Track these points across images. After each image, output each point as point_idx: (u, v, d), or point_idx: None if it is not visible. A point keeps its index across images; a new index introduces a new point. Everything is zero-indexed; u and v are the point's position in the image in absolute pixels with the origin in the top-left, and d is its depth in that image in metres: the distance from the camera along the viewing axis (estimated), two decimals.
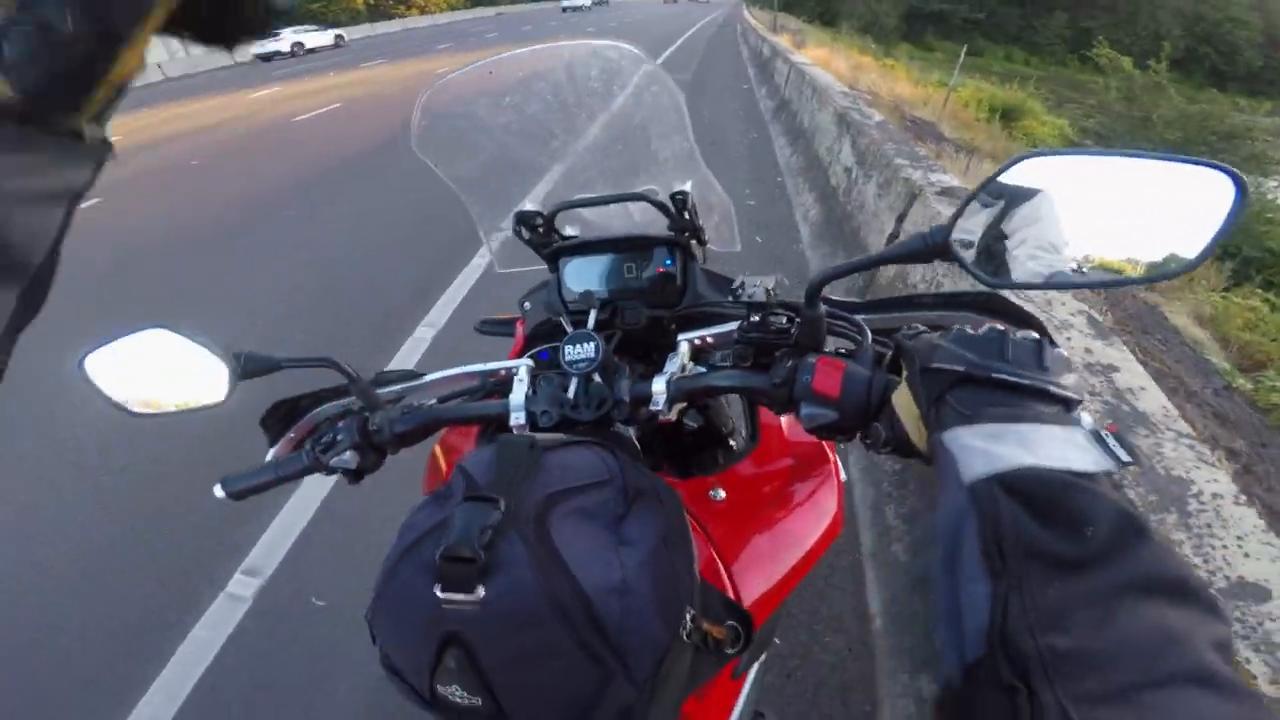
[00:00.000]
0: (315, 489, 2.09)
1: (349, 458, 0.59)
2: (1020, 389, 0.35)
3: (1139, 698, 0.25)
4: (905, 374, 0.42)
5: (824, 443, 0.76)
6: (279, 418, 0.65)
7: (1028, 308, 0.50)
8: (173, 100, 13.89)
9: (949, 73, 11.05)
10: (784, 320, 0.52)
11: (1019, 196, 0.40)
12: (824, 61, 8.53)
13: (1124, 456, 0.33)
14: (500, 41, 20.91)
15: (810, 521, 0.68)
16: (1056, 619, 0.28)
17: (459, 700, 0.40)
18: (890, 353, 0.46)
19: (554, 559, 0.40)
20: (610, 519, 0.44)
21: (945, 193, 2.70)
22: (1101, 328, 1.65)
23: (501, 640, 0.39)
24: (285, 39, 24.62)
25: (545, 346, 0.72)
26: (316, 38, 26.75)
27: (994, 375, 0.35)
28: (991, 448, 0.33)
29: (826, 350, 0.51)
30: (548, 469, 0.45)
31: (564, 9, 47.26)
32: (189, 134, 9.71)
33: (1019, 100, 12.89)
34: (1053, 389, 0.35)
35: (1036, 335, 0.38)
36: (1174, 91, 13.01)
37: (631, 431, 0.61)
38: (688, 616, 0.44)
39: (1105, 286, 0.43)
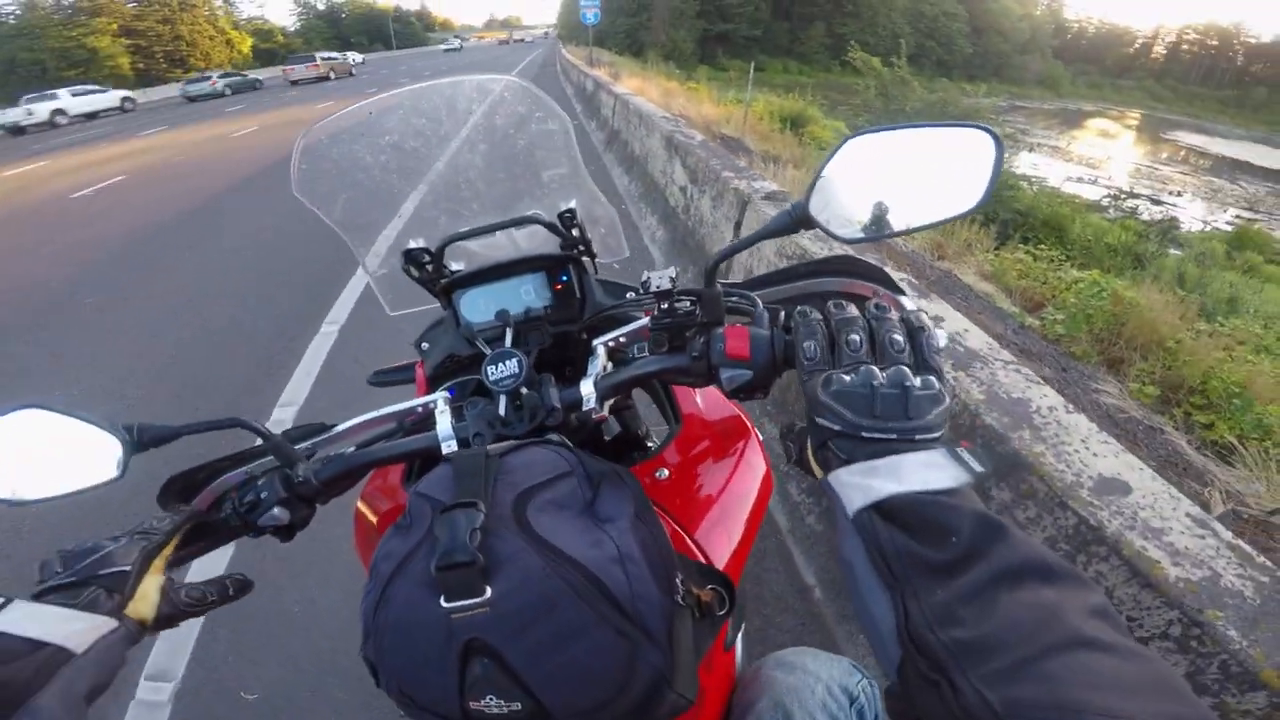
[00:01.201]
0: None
1: (279, 513, 0.56)
2: (886, 441, 0.40)
3: (1037, 669, 0.28)
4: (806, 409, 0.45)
5: (741, 413, 0.81)
6: (175, 493, 0.61)
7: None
8: None
9: (742, 90, 12.23)
10: (688, 304, 0.55)
11: (850, 170, 0.48)
12: (640, 90, 9.07)
13: (978, 468, 0.38)
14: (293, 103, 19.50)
15: (748, 480, 0.74)
16: (948, 615, 0.32)
17: (497, 711, 0.39)
18: (782, 313, 0.52)
19: (548, 546, 0.41)
20: (582, 505, 0.46)
21: (770, 197, 2.99)
22: (923, 289, 1.95)
23: (524, 634, 0.39)
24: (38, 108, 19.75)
25: (453, 382, 0.72)
26: (91, 101, 21.97)
27: (863, 435, 0.40)
28: (866, 481, 0.38)
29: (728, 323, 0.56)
30: (509, 470, 0.46)
31: (445, 50, 59.86)
32: None
33: (800, 109, 14.59)
34: (916, 436, 0.39)
35: (904, 381, 0.40)
36: (917, 84, 15.55)
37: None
38: (678, 580, 0.46)
39: (924, 229, 0.52)
